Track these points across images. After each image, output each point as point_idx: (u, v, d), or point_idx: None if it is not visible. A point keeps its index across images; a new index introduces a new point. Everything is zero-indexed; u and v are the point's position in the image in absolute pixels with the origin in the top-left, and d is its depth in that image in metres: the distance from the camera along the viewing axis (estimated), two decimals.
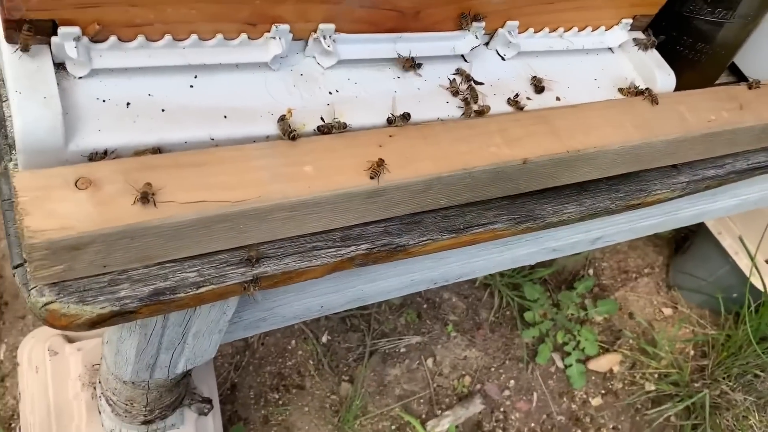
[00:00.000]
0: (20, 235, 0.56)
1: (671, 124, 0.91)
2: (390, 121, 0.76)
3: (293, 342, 1.81)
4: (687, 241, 2.09)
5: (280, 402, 1.72)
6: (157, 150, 0.65)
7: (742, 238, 1.79)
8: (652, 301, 2.08)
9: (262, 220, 0.66)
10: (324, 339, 1.83)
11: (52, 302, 0.61)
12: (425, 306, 1.95)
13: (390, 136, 0.75)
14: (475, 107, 0.81)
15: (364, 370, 1.79)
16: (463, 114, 0.80)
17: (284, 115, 0.70)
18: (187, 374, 1.02)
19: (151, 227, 0.60)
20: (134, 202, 0.59)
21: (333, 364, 1.80)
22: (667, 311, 2.06)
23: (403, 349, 1.87)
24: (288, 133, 0.69)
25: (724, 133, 0.96)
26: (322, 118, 0.73)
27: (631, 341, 1.97)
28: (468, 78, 0.82)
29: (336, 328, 1.85)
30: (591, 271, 2.11)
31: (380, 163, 0.69)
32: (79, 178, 0.59)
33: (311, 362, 1.80)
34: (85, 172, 0.60)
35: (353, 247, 0.74)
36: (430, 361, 1.86)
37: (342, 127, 0.73)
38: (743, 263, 1.83)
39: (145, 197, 0.59)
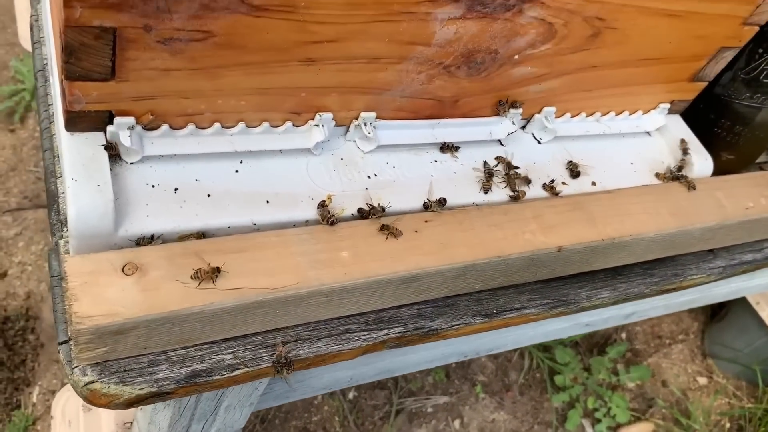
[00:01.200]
0: (68, 320, 0.58)
1: (708, 211, 0.90)
2: (426, 206, 0.77)
3: (319, 397, 1.81)
4: (723, 308, 2.04)
5: None
6: (201, 235, 0.67)
7: None
8: (686, 369, 2.03)
9: (298, 305, 0.68)
10: (351, 395, 1.82)
11: (93, 382, 0.62)
12: (454, 365, 1.94)
13: (426, 221, 0.76)
14: (510, 192, 0.82)
15: (390, 429, 1.78)
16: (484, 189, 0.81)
17: (324, 201, 0.72)
18: None
19: (192, 314, 0.62)
20: (198, 277, 0.62)
21: (359, 422, 1.79)
22: (702, 380, 2.01)
23: (430, 409, 1.85)
24: (327, 218, 0.71)
25: (762, 220, 0.95)
26: (367, 204, 0.74)
27: (664, 410, 1.92)
28: (509, 166, 0.83)
29: (363, 385, 1.84)
30: (624, 335, 2.07)
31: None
32: (126, 263, 0.62)
33: (337, 418, 1.79)
34: (132, 257, 0.62)
35: (386, 331, 0.75)
36: (457, 423, 1.84)
37: (380, 212, 0.74)
38: None
39: (210, 275, 0.62)
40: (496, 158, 0.84)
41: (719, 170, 1.05)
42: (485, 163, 0.83)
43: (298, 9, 0.61)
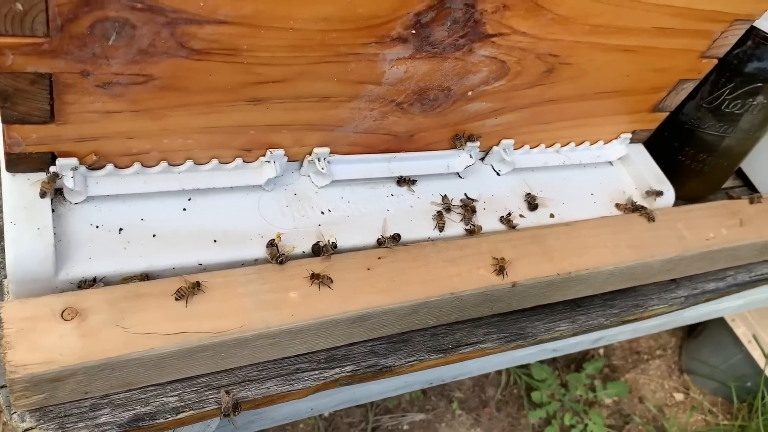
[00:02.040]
0: (3, 368, 0.57)
1: (668, 243, 0.90)
2: (380, 243, 0.77)
3: None
4: (700, 324, 2.05)
5: None
6: (144, 276, 0.66)
7: (756, 336, 1.75)
8: (663, 384, 2.03)
9: (244, 348, 0.67)
10: (326, 413, 1.81)
11: (32, 429, 0.62)
12: None
13: (378, 258, 0.75)
14: (466, 226, 0.82)
15: None
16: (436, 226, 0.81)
17: (273, 240, 0.72)
18: None
19: (132, 359, 0.61)
20: (182, 295, 0.63)
21: None
22: (679, 396, 2.01)
23: (406, 426, 1.84)
24: (276, 257, 0.70)
25: (723, 251, 0.95)
26: (318, 243, 0.74)
27: (640, 427, 1.92)
28: (472, 209, 0.82)
29: None
30: (602, 351, 2.07)
31: None
32: (65, 308, 0.61)
33: None
34: (73, 301, 0.62)
35: (337, 369, 0.75)
36: None
37: (332, 248, 0.74)
38: (757, 353, 1.79)
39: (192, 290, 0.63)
40: (462, 201, 0.83)
41: (685, 196, 1.05)
42: (444, 197, 0.83)
43: (240, 52, 0.60)
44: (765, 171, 1.15)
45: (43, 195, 0.63)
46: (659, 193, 0.94)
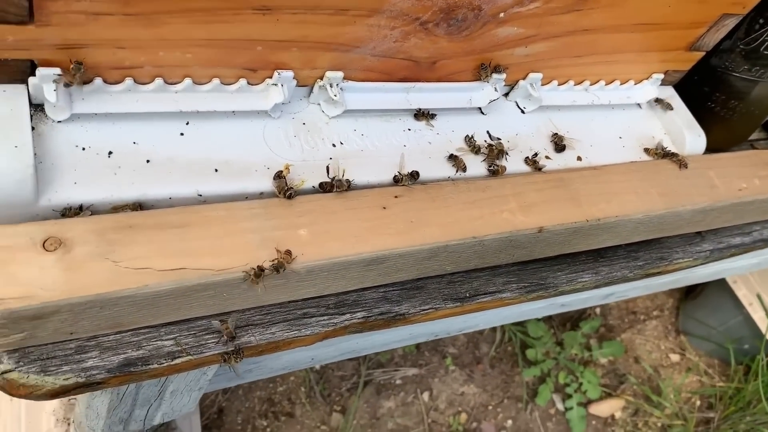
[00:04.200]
0: None
1: (699, 192, 0.84)
2: (397, 180, 0.70)
3: None
4: (699, 285, 2.02)
5: (268, 429, 1.66)
6: (137, 206, 0.59)
7: (760, 295, 1.72)
8: (659, 345, 2.01)
9: (248, 288, 0.61)
10: (317, 366, 1.77)
11: (10, 371, 0.55)
12: None
13: (395, 197, 0.69)
14: (489, 167, 0.75)
15: (357, 400, 1.73)
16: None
17: (281, 171, 0.65)
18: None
19: (123, 297, 0.54)
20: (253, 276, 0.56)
21: (325, 393, 1.74)
22: (675, 357, 1.99)
23: (398, 381, 1.80)
24: (284, 191, 0.63)
25: (755, 202, 0.89)
26: (329, 177, 0.66)
27: (635, 387, 1.90)
28: (499, 151, 0.75)
29: None
30: (598, 310, 2.04)
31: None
32: (47, 237, 0.54)
33: (303, 389, 1.74)
34: (56, 230, 0.54)
35: (348, 315, 0.68)
36: (426, 395, 1.80)
37: (345, 185, 0.67)
38: (757, 315, 1.76)
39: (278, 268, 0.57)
40: (489, 145, 0.76)
41: (709, 146, 0.99)
42: (469, 137, 0.75)
43: None
44: None
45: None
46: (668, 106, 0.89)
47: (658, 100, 0.90)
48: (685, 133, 0.89)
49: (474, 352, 1.91)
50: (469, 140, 0.75)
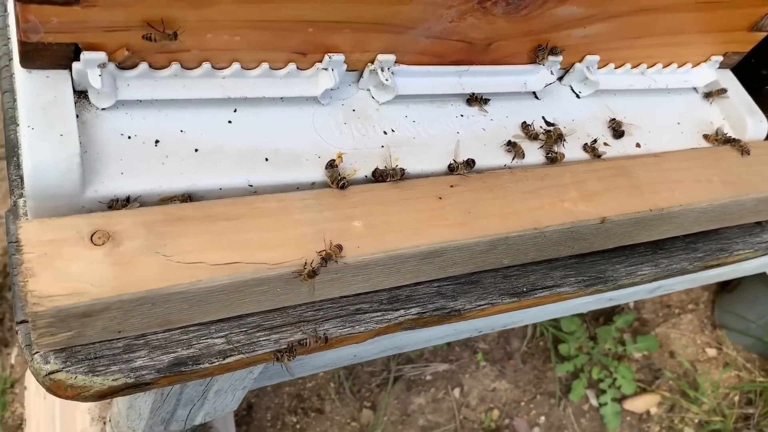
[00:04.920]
0: (24, 299, 0.48)
1: (764, 179, 0.80)
2: (452, 169, 0.66)
3: None
4: (735, 278, 1.96)
5: (298, 426, 1.63)
6: (187, 197, 0.56)
7: None
8: (695, 339, 1.96)
9: (301, 283, 0.57)
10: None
11: (57, 371, 0.52)
12: None
13: (451, 186, 0.65)
14: (547, 154, 0.71)
15: (388, 397, 1.70)
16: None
17: (333, 161, 0.61)
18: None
19: (176, 293, 0.51)
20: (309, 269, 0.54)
21: (355, 389, 1.71)
22: (711, 352, 1.94)
23: (429, 377, 1.77)
24: (337, 181, 0.60)
25: None
26: (383, 166, 0.63)
27: (670, 382, 1.86)
28: (558, 136, 0.71)
29: None
30: (632, 304, 1.99)
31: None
32: (95, 231, 0.51)
33: (332, 385, 1.71)
34: (103, 223, 0.51)
35: (401, 312, 0.65)
36: (457, 391, 1.77)
37: (399, 175, 0.63)
38: None
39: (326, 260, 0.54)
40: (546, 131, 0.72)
41: None
42: (526, 124, 0.72)
43: None
44: None
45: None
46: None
47: (708, 94, 0.86)
48: (747, 118, 0.85)
49: (505, 348, 1.87)
50: (526, 127, 0.71)
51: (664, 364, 1.90)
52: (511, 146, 0.69)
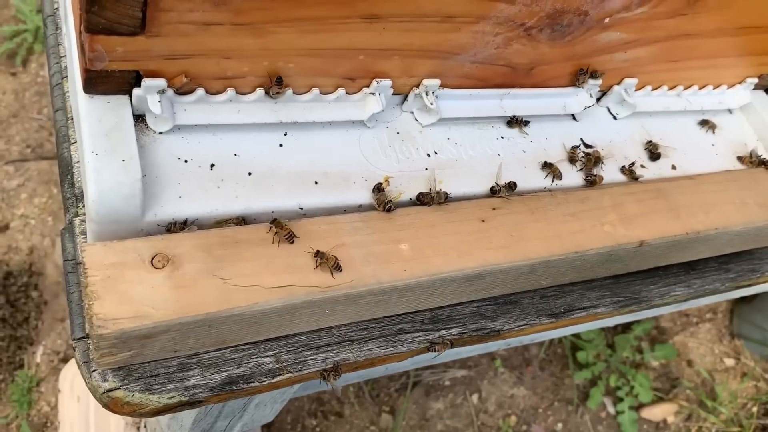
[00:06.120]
0: (89, 321, 0.49)
1: None
2: (494, 191, 0.68)
3: None
4: None
5: (318, 429, 1.65)
6: (241, 220, 0.58)
7: None
8: (713, 349, 1.96)
9: (350, 305, 0.59)
10: None
11: (115, 389, 0.54)
12: None
13: (493, 209, 0.66)
14: (586, 177, 0.72)
15: (406, 401, 1.72)
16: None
17: (380, 184, 0.62)
18: None
19: (233, 316, 0.53)
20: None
21: (374, 393, 1.73)
22: (729, 362, 1.94)
23: (447, 382, 1.78)
24: (384, 204, 0.61)
25: None
26: (427, 189, 0.64)
27: (688, 391, 1.86)
28: (596, 159, 0.72)
29: None
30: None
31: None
32: (156, 254, 0.52)
33: (352, 389, 1.72)
34: (163, 247, 0.53)
35: (443, 331, 0.66)
36: (475, 397, 1.78)
37: (443, 198, 0.64)
38: None
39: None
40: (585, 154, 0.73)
41: None
42: (573, 148, 0.72)
43: None
44: None
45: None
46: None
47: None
48: None
49: (523, 354, 1.88)
50: (573, 150, 0.72)
51: (682, 373, 1.91)
52: (548, 167, 0.70)
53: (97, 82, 0.53)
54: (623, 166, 0.75)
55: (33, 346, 1.63)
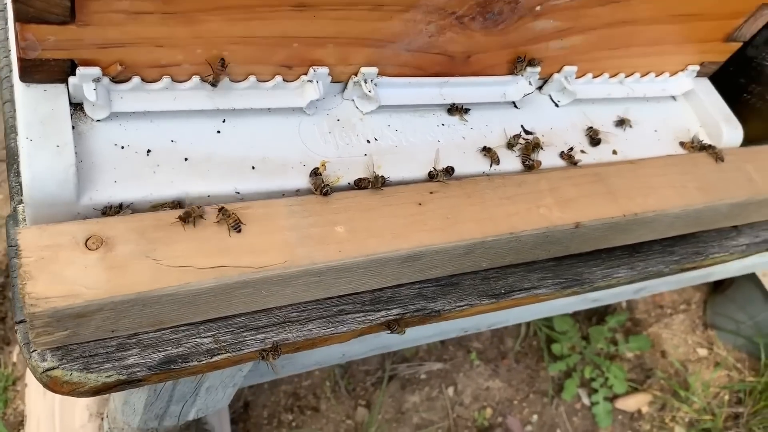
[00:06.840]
0: (21, 301, 0.51)
1: (737, 185, 0.83)
2: (432, 176, 0.70)
3: None
4: (727, 279, 1.99)
5: (294, 424, 1.67)
6: (176, 204, 0.59)
7: None
8: (686, 340, 1.99)
9: (286, 286, 0.61)
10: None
11: (53, 368, 0.55)
12: None
13: (431, 192, 0.68)
14: (525, 161, 0.74)
15: (382, 395, 1.74)
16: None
17: (317, 169, 0.64)
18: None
19: (165, 295, 0.54)
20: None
21: (350, 387, 1.74)
22: (702, 352, 1.97)
23: (423, 376, 1.80)
24: (320, 188, 0.63)
25: None
26: (369, 173, 0.66)
27: (662, 381, 1.89)
28: (535, 145, 0.74)
29: None
30: (624, 304, 2.02)
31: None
32: (90, 236, 0.54)
33: (328, 384, 1.74)
34: (97, 229, 0.55)
35: (383, 312, 0.68)
36: (450, 390, 1.80)
37: (381, 182, 0.66)
38: None
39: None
40: (524, 140, 0.75)
41: (745, 139, 0.97)
42: (512, 136, 0.75)
43: None
44: None
45: None
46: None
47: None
48: (722, 125, 0.87)
49: (499, 347, 1.90)
50: (510, 139, 0.74)
51: (656, 364, 1.93)
52: (486, 151, 0.72)
53: (32, 71, 0.55)
54: (562, 152, 0.77)
55: (9, 346, 1.63)
